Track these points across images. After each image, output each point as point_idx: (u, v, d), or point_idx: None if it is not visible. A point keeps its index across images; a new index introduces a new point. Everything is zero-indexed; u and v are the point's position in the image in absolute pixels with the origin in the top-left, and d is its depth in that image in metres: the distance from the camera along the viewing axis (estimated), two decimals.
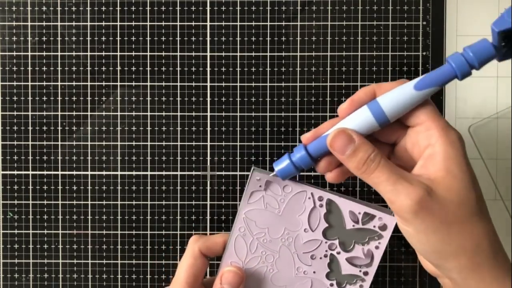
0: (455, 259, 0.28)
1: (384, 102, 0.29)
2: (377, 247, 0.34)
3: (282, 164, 0.32)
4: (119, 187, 0.41)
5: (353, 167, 0.30)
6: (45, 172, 0.41)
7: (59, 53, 0.41)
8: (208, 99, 0.41)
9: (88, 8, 0.41)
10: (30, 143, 0.41)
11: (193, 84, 0.41)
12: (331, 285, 0.34)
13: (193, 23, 0.41)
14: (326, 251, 0.34)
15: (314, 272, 0.34)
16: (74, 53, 0.41)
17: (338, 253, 0.34)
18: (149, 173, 0.41)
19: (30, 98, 0.41)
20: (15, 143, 0.41)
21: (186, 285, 0.33)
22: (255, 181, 0.33)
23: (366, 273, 0.34)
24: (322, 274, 0.34)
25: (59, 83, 0.41)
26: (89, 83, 0.41)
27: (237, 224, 0.34)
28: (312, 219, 0.34)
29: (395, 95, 0.29)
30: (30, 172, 0.41)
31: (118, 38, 0.41)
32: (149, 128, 0.41)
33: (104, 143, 0.41)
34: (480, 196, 0.29)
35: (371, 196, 0.40)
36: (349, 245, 0.34)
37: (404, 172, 0.29)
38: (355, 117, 0.30)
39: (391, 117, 0.29)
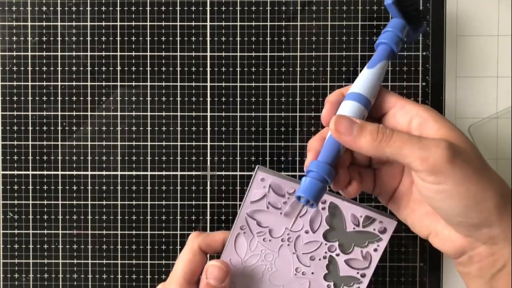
0: (494, 206, 0.27)
1: (357, 88, 0.31)
2: (375, 250, 0.34)
3: (305, 185, 0.30)
4: (119, 187, 0.41)
5: (367, 142, 0.28)
6: (45, 172, 0.41)
7: (59, 53, 0.41)
8: (208, 99, 0.41)
9: (88, 8, 0.41)
10: (30, 143, 0.41)
11: (193, 84, 0.41)
12: (328, 286, 0.34)
13: (193, 23, 0.41)
14: (326, 252, 0.34)
15: (312, 273, 0.34)
16: (74, 53, 0.41)
17: (337, 255, 0.34)
18: (149, 173, 0.41)
19: (30, 98, 0.41)
20: (15, 143, 0.41)
21: (183, 280, 0.33)
22: (259, 181, 0.34)
23: (363, 275, 0.34)
24: (320, 275, 0.34)
25: (59, 83, 0.41)
26: (89, 83, 0.41)
27: (238, 222, 0.34)
28: (313, 221, 0.34)
29: (360, 79, 0.31)
30: (30, 172, 0.41)
31: (118, 38, 0.41)
32: (149, 128, 0.41)
33: (104, 143, 0.41)
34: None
35: (371, 203, 0.40)
36: (348, 247, 0.34)
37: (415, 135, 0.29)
38: (343, 110, 0.31)
39: (369, 96, 0.31)
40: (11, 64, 0.41)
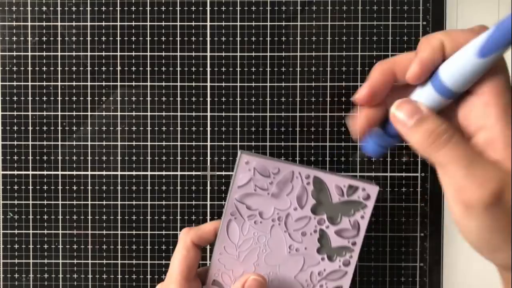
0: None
1: (446, 75, 0.24)
2: (362, 217, 0.35)
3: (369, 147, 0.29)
4: (119, 187, 0.41)
5: (417, 140, 0.25)
6: (45, 172, 0.41)
7: (59, 53, 0.41)
8: (208, 99, 0.41)
9: (88, 8, 0.41)
10: (30, 143, 0.41)
11: (193, 84, 0.41)
12: (322, 259, 0.35)
13: (193, 23, 0.41)
14: (316, 226, 0.35)
15: (305, 248, 0.35)
16: (74, 53, 0.41)
17: (327, 227, 0.35)
18: (149, 173, 0.41)
19: (30, 98, 0.41)
20: (15, 143, 0.41)
21: (181, 278, 0.33)
22: (244, 164, 0.34)
23: (354, 243, 0.35)
24: (313, 249, 0.35)
25: (59, 83, 0.41)
26: (89, 83, 0.41)
27: (228, 209, 0.34)
28: (301, 197, 0.35)
29: (461, 69, 0.24)
30: (30, 172, 0.41)
31: (118, 38, 0.41)
32: (149, 128, 0.41)
33: (104, 143, 0.41)
34: None
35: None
36: (336, 218, 0.35)
37: (479, 155, 0.24)
38: (420, 96, 0.26)
39: (458, 90, 0.25)
40: (11, 64, 0.41)
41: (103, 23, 0.41)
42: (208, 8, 0.40)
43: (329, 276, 0.36)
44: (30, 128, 0.41)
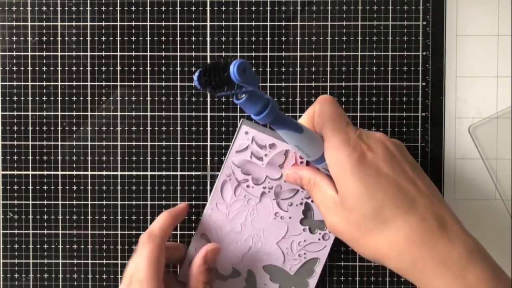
0: (386, 265, 0.31)
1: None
2: None
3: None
4: (119, 187, 0.41)
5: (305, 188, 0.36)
6: (45, 172, 0.41)
7: (59, 53, 0.41)
8: (208, 99, 0.41)
9: (88, 8, 0.41)
10: (30, 143, 0.41)
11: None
12: (304, 230, 0.38)
13: (193, 23, 0.41)
14: (302, 199, 0.38)
15: (290, 217, 0.38)
16: (74, 53, 0.41)
17: (312, 201, 0.38)
18: (149, 173, 0.41)
19: (30, 98, 0.41)
20: (15, 143, 0.41)
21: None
22: (243, 133, 0.37)
23: None
24: (297, 219, 0.38)
25: (59, 83, 0.41)
26: (89, 83, 0.41)
27: (224, 170, 0.38)
28: None
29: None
30: (30, 172, 0.41)
31: (118, 38, 0.41)
32: (149, 128, 0.41)
33: (104, 143, 0.41)
34: (381, 206, 0.30)
35: None
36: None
37: (327, 196, 0.33)
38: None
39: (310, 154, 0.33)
40: (11, 64, 0.41)
41: (103, 23, 0.41)
42: (208, 8, 0.40)
43: (308, 247, 0.39)
44: (30, 128, 0.41)
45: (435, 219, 0.30)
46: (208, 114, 0.41)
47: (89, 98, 0.41)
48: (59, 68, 0.41)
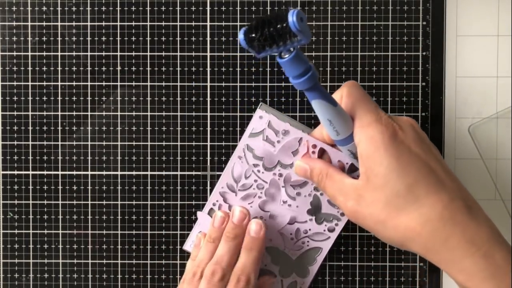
0: (412, 248, 0.31)
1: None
2: None
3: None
4: (119, 187, 0.41)
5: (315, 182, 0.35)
6: (45, 172, 0.41)
7: (59, 53, 0.41)
8: (208, 99, 0.41)
9: (88, 8, 0.41)
10: (30, 143, 0.41)
11: (193, 84, 0.41)
12: (310, 220, 0.38)
13: (193, 23, 0.41)
14: (311, 191, 0.38)
15: (297, 206, 0.38)
16: (74, 53, 0.41)
17: (321, 194, 0.38)
18: (149, 173, 0.41)
19: (30, 98, 0.41)
20: (15, 143, 0.41)
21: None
22: (258, 117, 0.38)
23: (342, 214, 0.38)
24: (304, 209, 0.38)
25: (59, 83, 0.41)
26: (89, 83, 0.41)
27: (236, 152, 0.38)
28: None
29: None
30: (30, 172, 0.41)
31: (118, 38, 0.41)
32: (149, 128, 0.41)
33: (104, 143, 0.41)
34: (414, 183, 0.30)
35: None
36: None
37: (344, 184, 0.32)
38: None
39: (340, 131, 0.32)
40: (11, 64, 0.41)
41: (103, 23, 0.41)
42: (208, 8, 0.40)
43: (313, 236, 0.39)
44: (30, 128, 0.41)
45: (463, 201, 0.30)
46: (208, 114, 0.41)
47: (89, 98, 0.41)
48: (59, 68, 0.41)
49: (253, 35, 0.26)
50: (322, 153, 0.36)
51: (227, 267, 0.35)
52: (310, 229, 0.39)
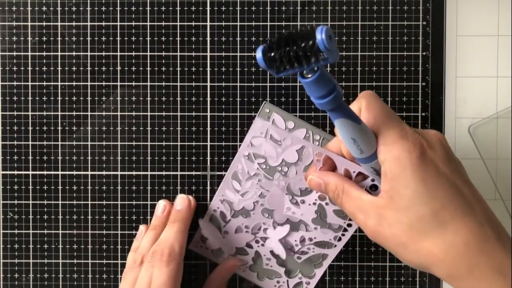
0: (434, 272, 0.29)
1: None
2: None
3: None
4: (119, 187, 0.41)
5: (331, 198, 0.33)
6: (45, 172, 0.41)
7: (59, 53, 0.41)
8: (208, 99, 0.41)
9: (88, 8, 0.41)
10: (30, 143, 0.41)
11: (193, 84, 0.41)
12: (315, 228, 0.38)
13: (193, 23, 0.41)
14: (316, 200, 0.38)
15: (301, 214, 0.38)
16: (74, 53, 0.41)
17: (327, 204, 0.38)
18: (149, 173, 0.41)
19: (30, 98, 0.41)
20: (15, 143, 0.41)
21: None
22: (264, 112, 0.38)
23: (349, 225, 0.38)
24: (309, 218, 0.38)
25: (59, 83, 0.41)
26: (89, 83, 0.41)
27: (242, 150, 0.38)
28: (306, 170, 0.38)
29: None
30: (30, 172, 0.41)
31: (118, 38, 0.41)
32: (149, 128, 0.41)
33: (104, 143, 0.41)
34: (440, 208, 0.28)
35: None
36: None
37: (363, 201, 0.30)
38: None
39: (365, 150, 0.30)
40: (11, 64, 0.41)
41: (103, 23, 0.41)
42: (208, 8, 0.40)
43: (319, 244, 0.39)
44: (30, 128, 0.41)
45: (491, 225, 0.28)
46: (208, 114, 0.41)
47: (89, 98, 0.41)
48: (59, 68, 0.41)
49: (274, 54, 0.24)
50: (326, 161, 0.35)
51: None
52: (315, 238, 0.39)
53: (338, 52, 0.24)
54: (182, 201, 0.39)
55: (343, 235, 0.38)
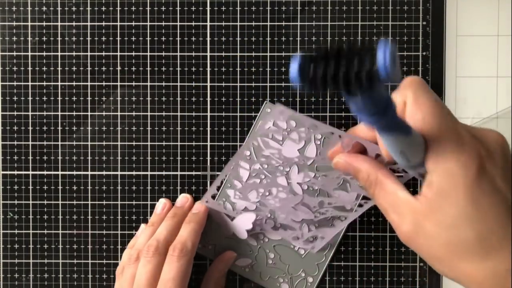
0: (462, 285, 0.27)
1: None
2: (361, 205, 0.36)
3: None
4: (119, 187, 0.41)
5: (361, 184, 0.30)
6: (45, 172, 0.41)
7: (59, 53, 0.41)
8: (208, 99, 0.41)
9: (88, 8, 0.41)
10: (30, 143, 0.41)
11: (193, 84, 0.41)
12: (316, 216, 0.38)
13: (193, 23, 0.41)
14: (340, 175, 0.36)
15: (322, 185, 0.37)
16: (74, 53, 0.41)
17: (351, 178, 0.36)
18: (149, 173, 0.41)
19: (30, 98, 0.41)
20: (15, 143, 0.41)
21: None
22: (266, 112, 0.37)
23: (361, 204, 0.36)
24: (330, 188, 0.37)
25: (59, 83, 0.41)
26: (89, 83, 0.41)
27: (244, 148, 0.37)
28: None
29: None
30: (30, 172, 0.41)
31: (118, 38, 0.41)
32: (149, 128, 0.41)
33: (104, 143, 0.41)
34: (487, 233, 0.25)
35: None
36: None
37: (399, 199, 0.27)
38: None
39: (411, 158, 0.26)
40: (11, 64, 0.41)
41: (103, 23, 0.41)
42: (208, 8, 0.40)
43: (338, 208, 0.37)
44: (30, 128, 0.41)
45: None
46: (208, 114, 0.41)
47: (89, 98, 0.41)
48: (59, 68, 0.41)
49: (315, 69, 0.19)
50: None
51: (163, 241, 0.36)
52: (335, 202, 0.37)
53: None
54: (199, 206, 0.39)
55: (365, 202, 0.36)
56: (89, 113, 0.41)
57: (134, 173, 0.41)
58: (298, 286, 0.40)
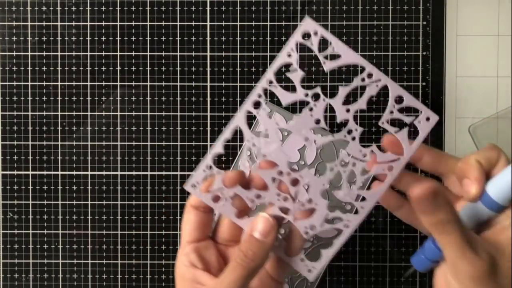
0: None
1: (495, 193, 0.29)
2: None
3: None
4: (119, 187, 0.41)
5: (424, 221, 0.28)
6: (45, 172, 0.41)
7: (59, 53, 0.41)
8: (208, 99, 0.41)
9: (88, 8, 0.41)
10: (30, 143, 0.41)
11: (193, 84, 0.41)
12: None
13: (193, 23, 0.41)
14: (324, 184, 0.33)
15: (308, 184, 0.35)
16: (74, 53, 0.41)
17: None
18: (149, 173, 0.41)
19: (30, 98, 0.41)
20: (15, 143, 0.41)
21: (187, 243, 0.32)
22: (264, 115, 0.36)
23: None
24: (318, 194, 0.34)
25: (59, 83, 0.41)
26: (89, 83, 0.41)
27: (244, 149, 0.38)
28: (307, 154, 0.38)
29: (504, 185, 0.29)
30: (30, 172, 0.41)
31: (118, 38, 0.41)
32: (149, 128, 0.41)
33: (104, 143, 0.41)
34: None
35: None
36: (337, 182, 0.35)
37: (472, 235, 0.28)
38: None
39: (505, 204, 0.29)
40: (11, 64, 0.41)
41: (103, 23, 0.41)
42: (208, 8, 0.40)
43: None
44: (30, 128, 0.41)
45: None
46: (208, 114, 0.41)
47: (89, 98, 0.41)
48: (59, 68, 0.41)
49: None
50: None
51: None
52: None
53: None
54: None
55: (362, 207, 0.34)
56: (89, 113, 0.41)
57: (134, 173, 0.41)
58: (298, 286, 0.40)
